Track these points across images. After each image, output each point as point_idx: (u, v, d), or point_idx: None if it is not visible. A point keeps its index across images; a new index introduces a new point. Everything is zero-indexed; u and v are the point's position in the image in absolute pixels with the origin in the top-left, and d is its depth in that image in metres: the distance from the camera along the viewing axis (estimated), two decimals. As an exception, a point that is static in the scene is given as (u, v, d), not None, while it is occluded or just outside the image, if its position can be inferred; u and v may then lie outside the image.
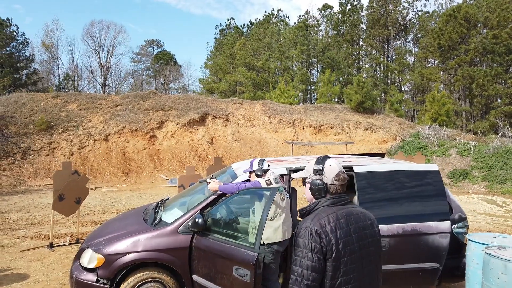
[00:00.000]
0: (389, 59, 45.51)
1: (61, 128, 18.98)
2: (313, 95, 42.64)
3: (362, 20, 46.65)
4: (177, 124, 20.82)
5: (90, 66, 48.70)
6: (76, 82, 48.07)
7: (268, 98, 28.72)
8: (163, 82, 55.10)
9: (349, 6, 46.73)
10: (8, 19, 40.35)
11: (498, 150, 17.20)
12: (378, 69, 45.69)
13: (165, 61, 55.66)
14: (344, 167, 4.51)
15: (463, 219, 4.58)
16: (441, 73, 36.28)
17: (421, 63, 41.71)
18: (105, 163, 17.86)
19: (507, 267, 3.43)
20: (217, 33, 54.64)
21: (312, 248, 1.98)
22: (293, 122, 22.66)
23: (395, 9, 43.72)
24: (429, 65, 41.61)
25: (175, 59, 58.02)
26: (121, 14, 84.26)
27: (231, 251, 3.68)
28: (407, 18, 45.41)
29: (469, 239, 4.22)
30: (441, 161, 18.95)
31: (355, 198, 4.58)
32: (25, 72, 42.06)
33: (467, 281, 4.20)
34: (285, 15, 62.97)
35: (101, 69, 48.10)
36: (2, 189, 13.94)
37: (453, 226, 4.47)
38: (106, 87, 48.50)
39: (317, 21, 48.38)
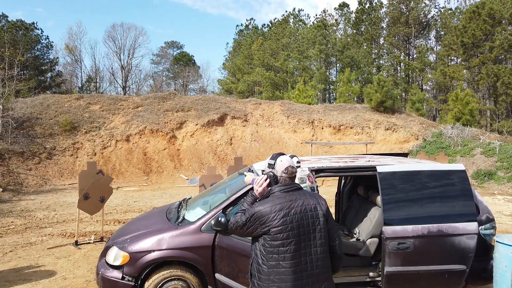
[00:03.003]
0: (411, 57, 44.71)
1: (84, 129, 19.41)
2: (332, 94, 42.30)
3: (382, 18, 46.01)
4: (197, 124, 21.01)
5: (112, 68, 49.62)
6: (98, 84, 49.11)
7: (286, 98, 28.65)
8: (182, 83, 55.68)
9: (368, 4, 46.19)
10: (33, 23, 41.56)
11: (525, 150, 16.69)
12: (398, 68, 44.96)
13: (184, 62, 56.19)
14: (367, 167, 4.50)
15: (490, 220, 4.47)
16: (464, 71, 35.40)
17: (443, 61, 40.83)
18: (127, 163, 18.18)
19: (539, 269, 3.33)
20: (236, 33, 54.88)
21: (252, 221, 2.54)
22: (312, 122, 22.54)
23: (417, 6, 42.91)
24: (452, 63, 40.71)
25: (194, 60, 58.56)
26: (140, 15, 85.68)
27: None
28: (429, 16, 44.56)
29: (497, 241, 4.12)
30: (465, 161, 18.51)
31: (378, 198, 4.53)
32: (49, 74, 43.27)
33: (495, 283, 4.10)
34: (306, 15, 62.93)
35: (122, 71, 48.99)
36: (29, 188, 14.37)
37: (480, 228, 4.37)
38: (127, 89, 49.39)
39: (336, 20, 47.98)
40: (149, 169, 18.15)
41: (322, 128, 22.50)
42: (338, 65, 42.74)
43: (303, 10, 75.07)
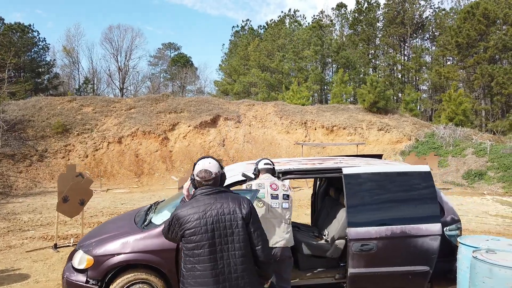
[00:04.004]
0: (406, 58, 44.76)
1: (77, 131, 19.43)
2: (328, 95, 42.33)
3: (379, 19, 46.07)
4: (189, 126, 21.03)
5: (109, 70, 49.61)
6: (95, 85, 49.10)
7: (280, 99, 28.67)
8: (179, 85, 55.70)
9: (365, 5, 46.23)
10: (29, 25, 41.54)
11: (516, 150, 16.72)
12: (395, 68, 45.00)
13: (181, 63, 56.18)
14: (334, 169, 4.51)
15: (456, 221, 4.48)
16: (460, 71, 35.44)
17: (439, 61, 40.89)
18: (118, 165, 18.19)
19: (493, 271, 3.35)
20: (232, 34, 54.90)
21: (173, 224, 2.57)
22: (305, 123, 22.56)
23: (412, 6, 42.98)
24: (448, 63, 40.74)
25: (192, 61, 58.57)
26: (140, 17, 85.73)
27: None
28: (424, 16, 44.64)
29: (460, 242, 4.14)
30: (456, 161, 18.55)
31: (345, 200, 4.55)
32: (46, 76, 43.26)
33: (458, 284, 4.11)
34: (302, 16, 62.86)
35: (119, 73, 48.99)
36: (18, 191, 14.38)
37: (445, 229, 4.39)
38: (124, 90, 49.38)
39: (331, 20, 48.03)
40: (140, 171, 18.17)
41: (315, 129, 22.52)
42: (334, 66, 42.80)
43: (298, 11, 75.04)
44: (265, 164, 4.09)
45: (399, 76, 43.98)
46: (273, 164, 4.16)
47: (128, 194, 14.24)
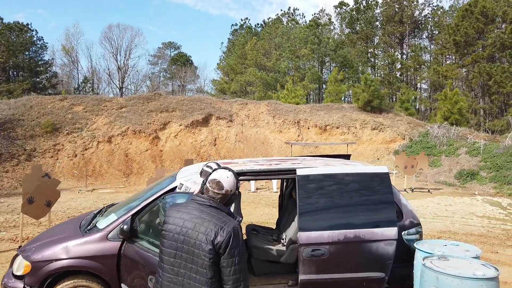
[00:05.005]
0: (405, 56, 44.43)
1: (66, 130, 19.28)
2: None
3: (377, 17, 45.72)
4: (180, 125, 20.85)
5: (108, 69, 49.48)
6: (95, 85, 49.02)
7: (275, 98, 28.46)
8: (179, 84, 55.55)
9: (364, 3, 45.87)
10: (27, 24, 41.50)
11: (508, 150, 16.45)
12: (393, 67, 44.67)
13: (181, 63, 56.04)
14: (288, 170, 4.31)
15: (415, 225, 4.28)
16: (458, 69, 35.08)
17: (437, 60, 40.55)
18: (107, 165, 18.04)
19: (439, 279, 3.15)
20: (231, 33, 54.69)
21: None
22: (297, 122, 22.34)
23: (410, 4, 42.62)
24: (448, 61, 40.37)
25: (192, 60, 58.41)
26: (141, 17, 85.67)
27: (149, 259, 3.53)
28: (423, 14, 44.28)
29: (416, 247, 3.93)
30: (449, 161, 18.30)
31: (297, 202, 4.35)
32: (44, 76, 43.18)
33: (413, 292, 3.92)
34: (301, 14, 62.58)
35: (118, 72, 48.88)
36: (2, 191, 14.23)
37: (403, 233, 4.19)
38: (124, 90, 49.26)
39: (329, 19, 47.75)
40: (129, 170, 18.02)
41: (308, 128, 22.31)
42: (332, 64, 42.51)
43: (298, 10, 74.63)
44: (206, 167, 3.89)
45: (398, 75, 43.64)
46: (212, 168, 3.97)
47: (113, 194, 14.08)
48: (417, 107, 40.13)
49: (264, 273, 4.47)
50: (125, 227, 3.76)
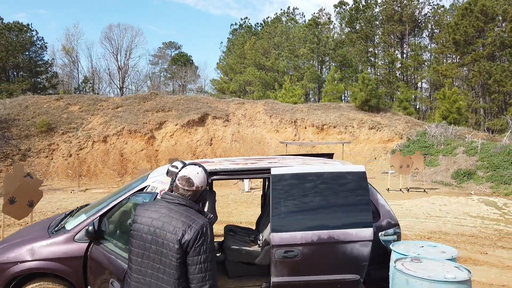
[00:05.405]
0: (405, 55, 44.21)
1: (62, 130, 19.22)
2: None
3: (377, 17, 45.52)
4: (176, 124, 20.76)
5: (109, 69, 49.49)
6: (96, 85, 49.02)
7: (273, 98, 28.33)
8: (180, 84, 55.50)
9: (363, 2, 45.68)
10: (27, 24, 41.53)
11: (506, 149, 16.28)
12: (393, 66, 44.47)
13: (182, 62, 55.99)
14: (263, 169, 4.19)
15: (393, 225, 4.15)
16: (458, 69, 34.87)
17: (438, 59, 40.32)
18: (102, 165, 17.97)
19: (409, 282, 3.03)
20: (230, 32, 54.60)
21: None
22: (294, 121, 22.21)
23: (410, 3, 42.40)
24: (449, 61, 40.13)
25: (192, 60, 58.36)
26: (142, 16, 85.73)
27: (112, 262, 3.42)
28: (423, 13, 44.06)
29: (392, 249, 3.81)
30: (447, 160, 18.14)
31: (270, 202, 4.23)
32: (45, 76, 43.21)
33: (390, 294, 3.79)
34: (301, 14, 62.37)
35: (119, 72, 48.88)
36: (-6, 191, 14.16)
37: (380, 234, 4.07)
38: (125, 90, 49.26)
39: (329, 18, 47.59)
40: (124, 170, 17.94)
41: (305, 128, 22.17)
42: (332, 64, 42.33)
43: (298, 9, 74.51)
44: (172, 166, 3.78)
45: (398, 74, 43.43)
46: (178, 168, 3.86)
47: (105, 194, 13.98)
48: (417, 107, 39.95)
49: (238, 275, 4.36)
50: (90, 228, 3.65)
